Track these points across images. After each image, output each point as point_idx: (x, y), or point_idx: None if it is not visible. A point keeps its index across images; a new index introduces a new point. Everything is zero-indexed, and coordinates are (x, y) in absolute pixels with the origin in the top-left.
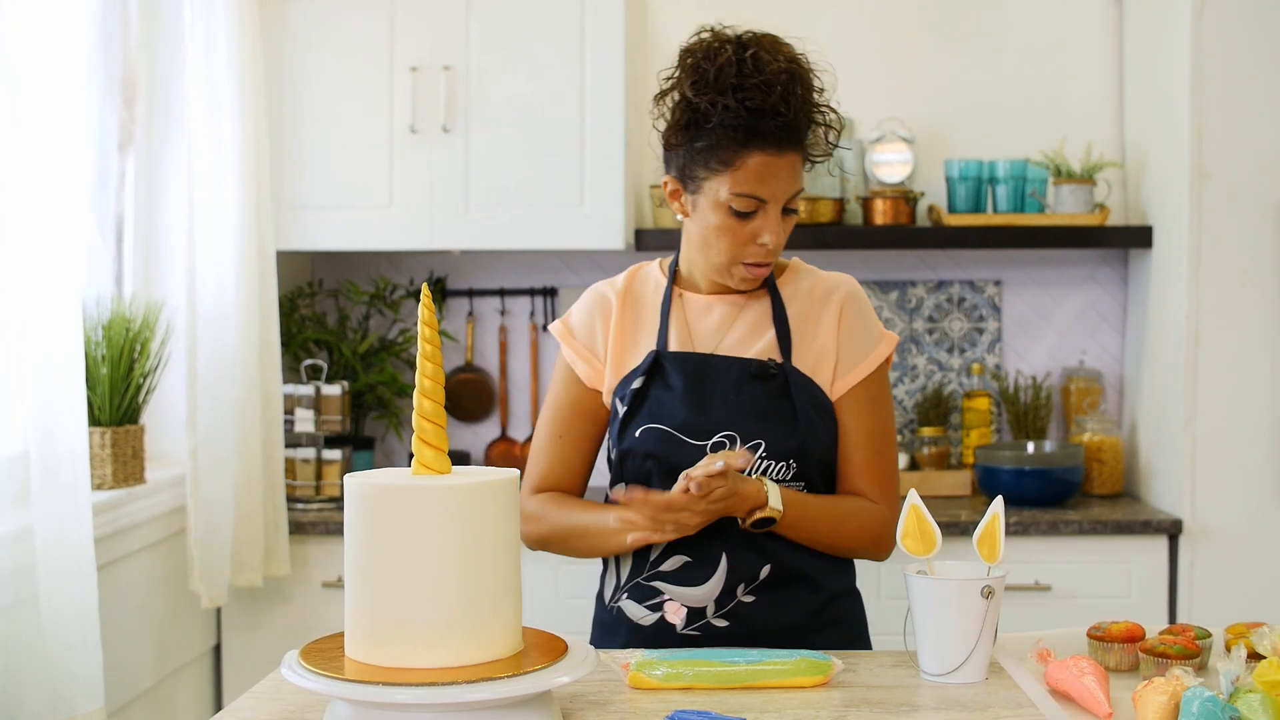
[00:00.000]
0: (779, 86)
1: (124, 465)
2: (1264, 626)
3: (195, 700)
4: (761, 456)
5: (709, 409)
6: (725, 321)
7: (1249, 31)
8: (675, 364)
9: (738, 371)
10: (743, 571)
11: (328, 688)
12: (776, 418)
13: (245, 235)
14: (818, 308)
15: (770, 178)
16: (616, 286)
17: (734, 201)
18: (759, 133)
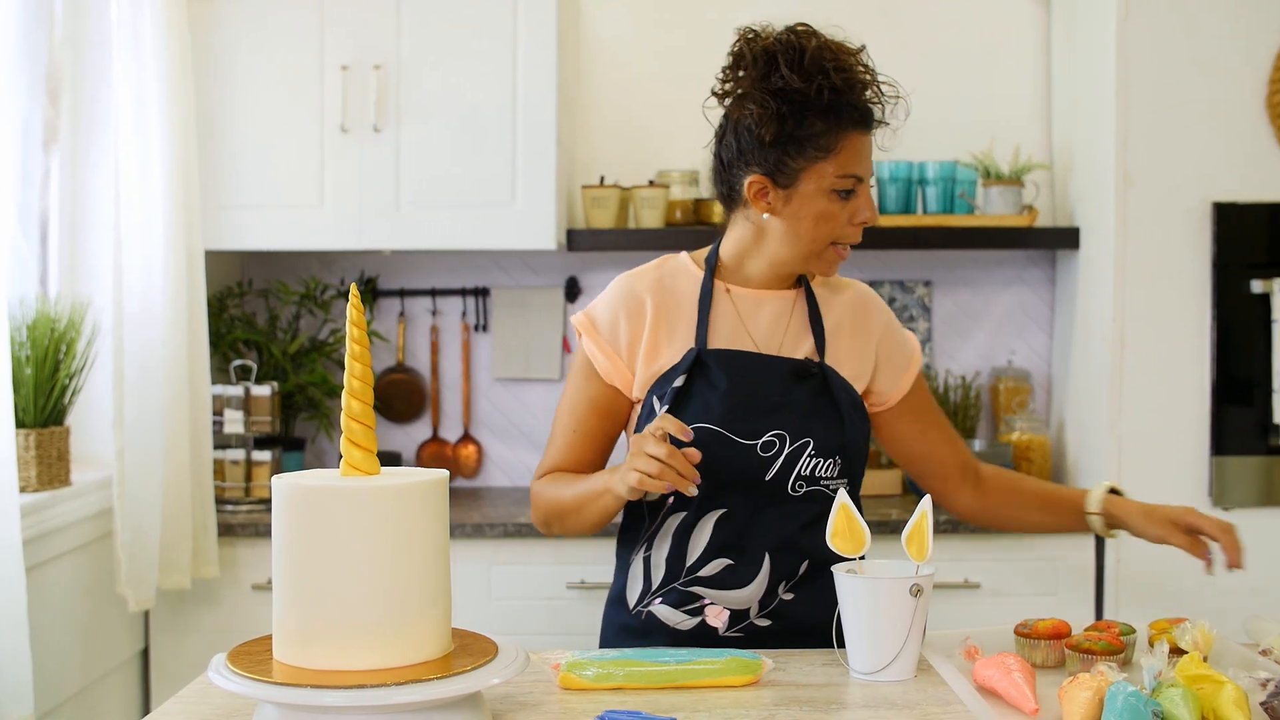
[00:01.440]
0: (863, 63)
1: (49, 467)
2: (1186, 622)
3: (123, 704)
4: (810, 454)
5: (757, 407)
6: (778, 318)
7: (1173, 37)
8: (719, 362)
9: (781, 371)
10: (784, 569)
11: (255, 691)
12: (821, 416)
13: (173, 234)
14: (852, 315)
15: (865, 155)
16: (646, 281)
17: (838, 184)
18: (857, 112)
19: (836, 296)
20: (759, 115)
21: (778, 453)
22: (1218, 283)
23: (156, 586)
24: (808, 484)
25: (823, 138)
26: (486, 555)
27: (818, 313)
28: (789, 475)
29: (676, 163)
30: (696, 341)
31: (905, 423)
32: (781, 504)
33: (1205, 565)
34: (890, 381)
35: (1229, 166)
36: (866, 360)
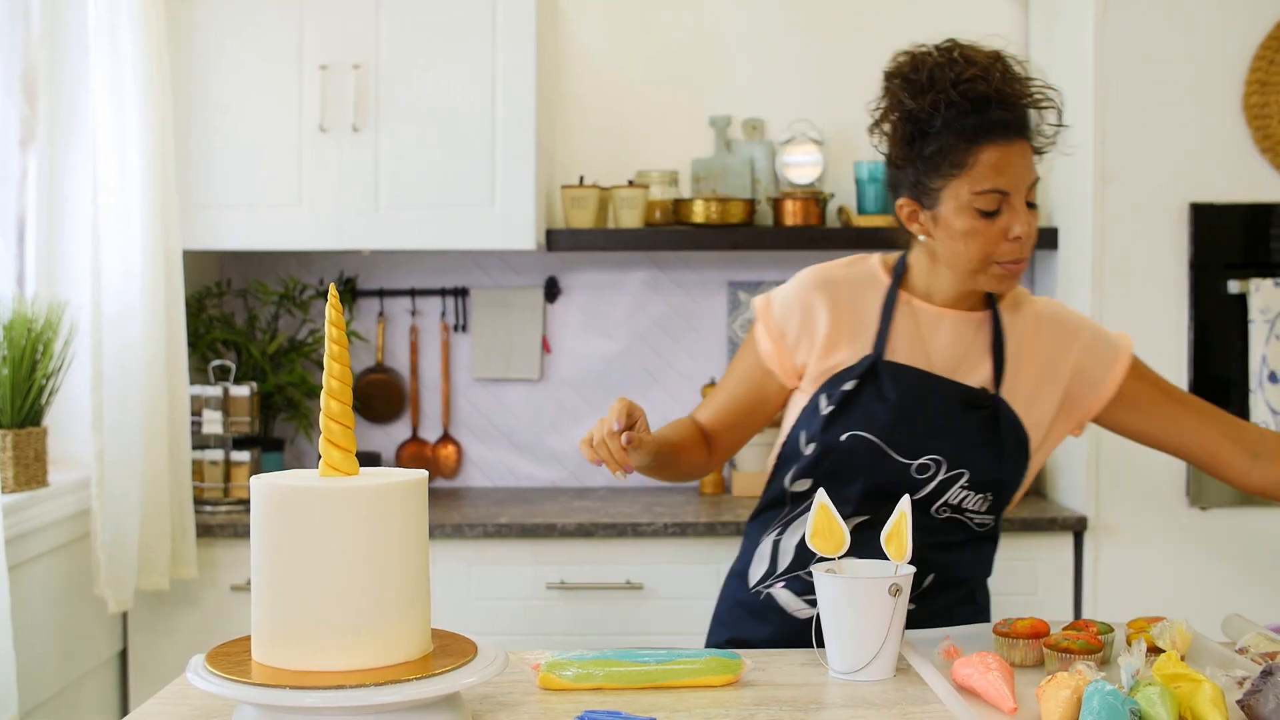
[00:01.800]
0: (996, 71)
1: (26, 468)
2: (1164, 621)
3: (101, 706)
4: (963, 485)
5: (919, 429)
6: (959, 339)
7: (1151, 38)
8: (893, 376)
9: (953, 396)
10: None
11: (234, 692)
12: (984, 450)
13: (151, 234)
14: (1040, 342)
15: (1007, 167)
16: (831, 279)
17: (976, 201)
18: (987, 125)
19: (1021, 318)
20: (890, 139)
21: (931, 476)
22: (1195, 283)
23: (135, 587)
24: (952, 511)
25: (952, 155)
26: (466, 556)
27: (1000, 339)
28: (936, 500)
29: (656, 163)
30: (874, 349)
31: (1130, 417)
32: (923, 524)
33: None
34: (1087, 394)
35: (1207, 167)
36: (1048, 397)
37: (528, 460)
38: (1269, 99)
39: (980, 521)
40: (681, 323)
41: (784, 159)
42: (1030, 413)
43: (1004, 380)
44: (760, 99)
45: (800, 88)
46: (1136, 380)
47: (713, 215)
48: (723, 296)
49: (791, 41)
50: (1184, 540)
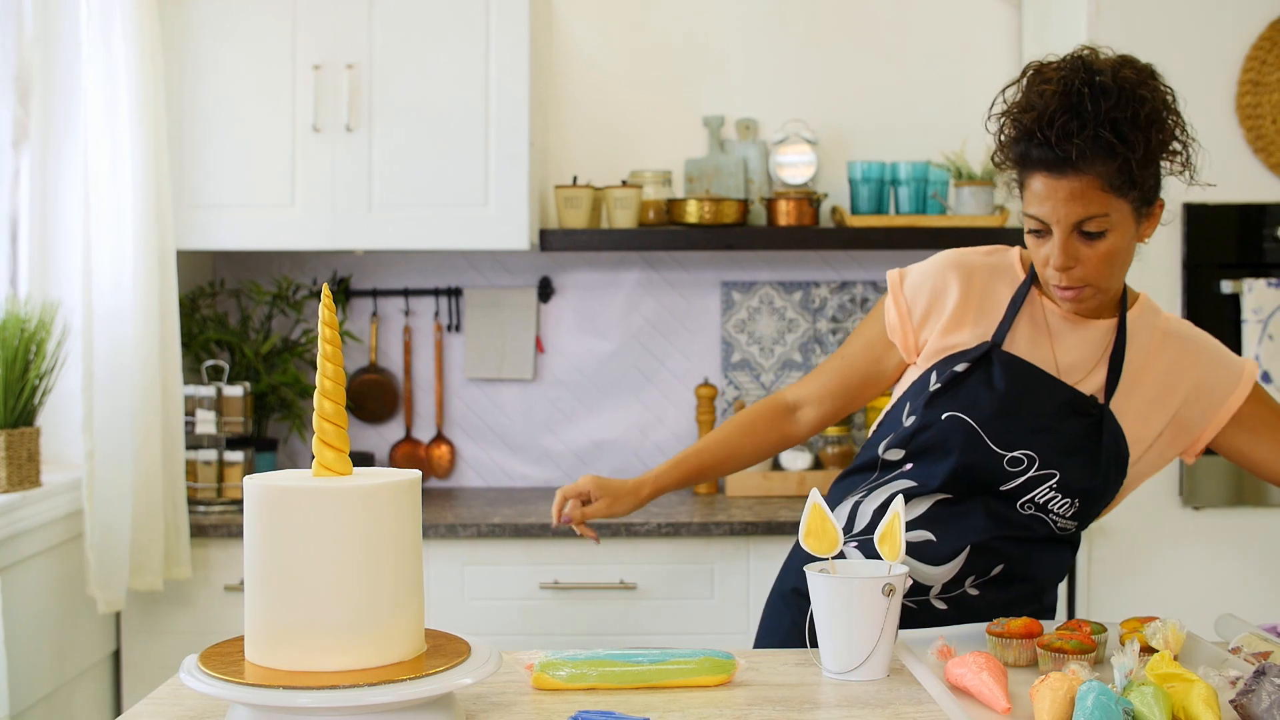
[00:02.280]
0: (1041, 111)
1: (19, 468)
2: (1157, 621)
3: (94, 706)
4: (1052, 486)
5: (1020, 422)
6: (1078, 343)
7: (1144, 38)
8: (1006, 366)
9: (1060, 399)
10: (978, 565)
11: (227, 692)
12: (1079, 457)
13: (144, 234)
14: (1160, 358)
15: (1048, 200)
16: (967, 263)
17: (1027, 221)
18: (1030, 157)
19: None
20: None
21: (1022, 471)
22: (1188, 283)
23: (128, 588)
24: (1036, 510)
25: (1014, 171)
26: (460, 556)
27: (1122, 352)
28: (1023, 495)
29: (649, 163)
30: (994, 336)
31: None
32: (1005, 515)
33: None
34: (1207, 414)
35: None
36: (1158, 415)
37: (521, 460)
38: (1261, 99)
39: (1063, 526)
40: (675, 322)
41: (777, 159)
42: (1136, 428)
43: (1117, 392)
44: (753, 99)
45: (793, 88)
46: (1255, 404)
47: (706, 215)
48: (716, 296)
49: (785, 41)
50: (1177, 540)
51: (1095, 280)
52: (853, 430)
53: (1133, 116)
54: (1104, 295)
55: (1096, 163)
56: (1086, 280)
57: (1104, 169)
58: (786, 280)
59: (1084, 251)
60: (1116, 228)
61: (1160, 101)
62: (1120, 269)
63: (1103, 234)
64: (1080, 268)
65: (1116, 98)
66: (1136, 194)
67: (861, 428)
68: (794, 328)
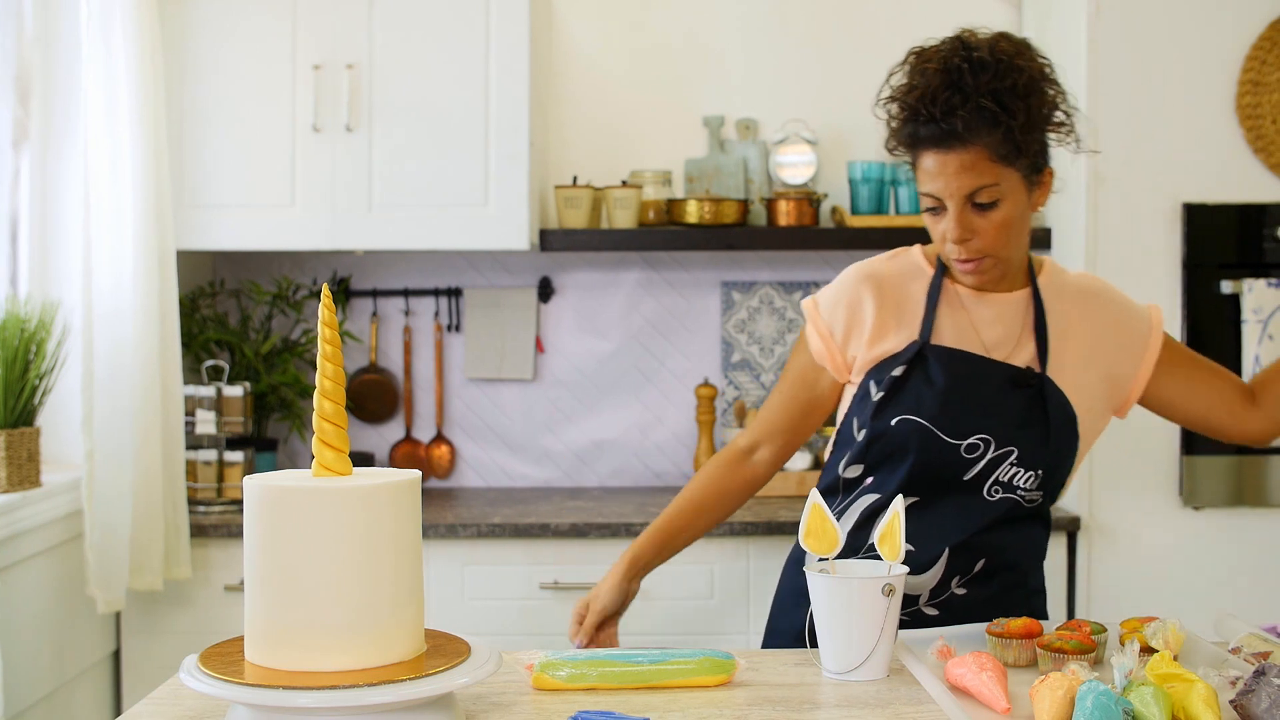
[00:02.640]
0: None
1: (19, 468)
2: (1157, 621)
3: (94, 706)
4: (1012, 463)
5: (968, 410)
6: (1006, 321)
7: (1144, 38)
8: (940, 360)
9: (1000, 377)
10: (960, 565)
11: (227, 692)
12: (1031, 428)
13: (144, 234)
14: (1080, 318)
15: (939, 175)
16: (874, 272)
17: (922, 200)
18: (918, 136)
19: (1060, 294)
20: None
21: (980, 455)
22: (1188, 283)
23: (128, 588)
24: (1003, 490)
25: (906, 153)
26: (460, 556)
27: (1043, 318)
28: (987, 479)
29: (649, 163)
30: (921, 335)
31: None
32: (975, 506)
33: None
34: (1131, 365)
35: (1199, 167)
36: (1094, 374)
37: (521, 460)
38: (1261, 99)
39: (1031, 499)
40: (675, 323)
41: (777, 159)
42: (1075, 390)
43: (1049, 358)
44: (753, 99)
45: (793, 88)
46: (1171, 349)
47: (706, 215)
48: (716, 296)
49: (785, 41)
50: (1177, 540)
51: (993, 250)
52: None
53: (1012, 86)
54: (1004, 265)
55: (982, 134)
56: (984, 251)
57: (990, 139)
58: (786, 280)
59: (979, 222)
60: (1008, 196)
61: (1038, 71)
62: (1017, 238)
63: (995, 204)
64: (977, 239)
65: (995, 70)
66: (1024, 161)
67: None
68: (794, 328)
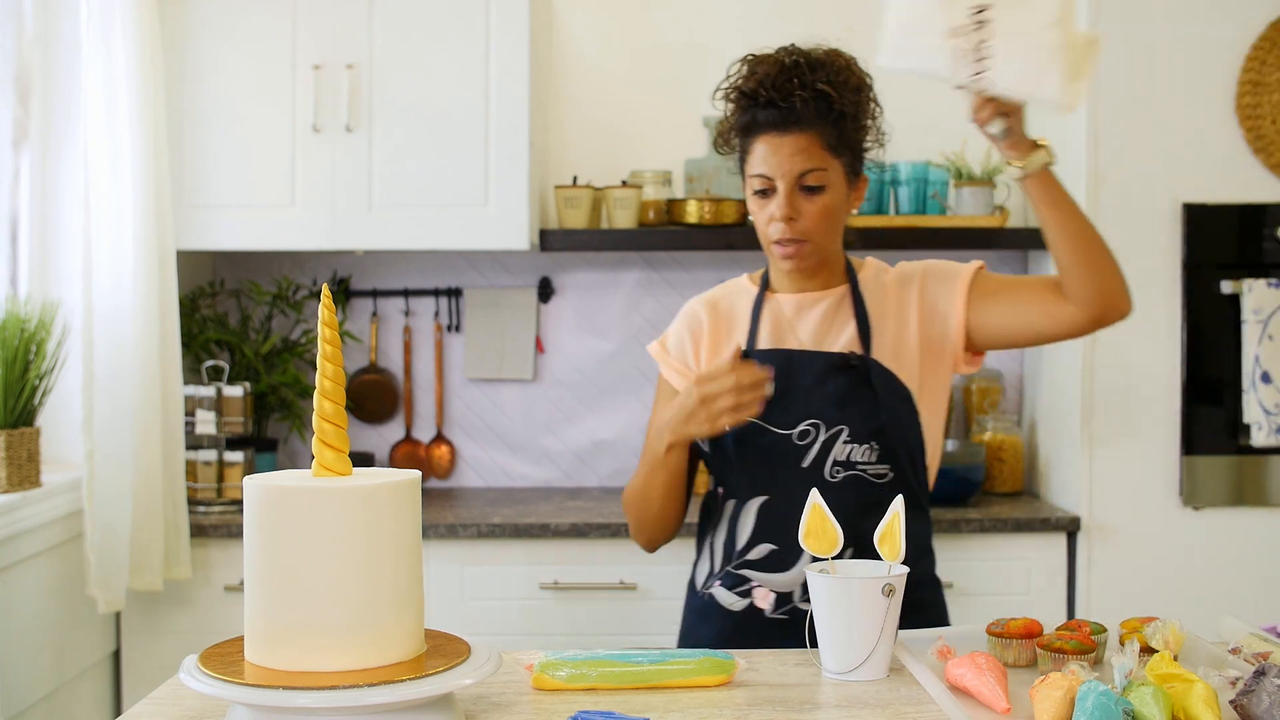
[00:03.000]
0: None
1: (19, 469)
2: (1157, 621)
3: (94, 706)
4: (845, 440)
5: (793, 400)
6: (823, 317)
7: (1144, 38)
8: (761, 360)
9: (821, 365)
10: None
11: (227, 693)
12: (857, 405)
13: (144, 234)
14: (894, 300)
15: (771, 157)
16: (706, 300)
17: (753, 183)
18: (757, 119)
19: (881, 284)
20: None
21: (813, 440)
22: (1188, 283)
23: (128, 588)
24: (844, 469)
25: (742, 139)
26: (460, 556)
27: (863, 308)
28: (825, 461)
29: (649, 163)
30: (746, 344)
31: (990, 314)
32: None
33: None
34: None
35: (1199, 167)
36: (909, 344)
37: (521, 460)
38: (1261, 99)
39: (876, 472)
40: None
41: None
42: (901, 365)
43: (872, 342)
44: None
45: None
46: (985, 280)
47: (706, 215)
48: None
49: (784, 41)
50: (1177, 540)
51: (814, 234)
52: None
53: (844, 82)
54: (821, 254)
55: (816, 120)
56: (807, 234)
57: (822, 127)
58: None
59: (805, 205)
60: (833, 185)
61: (863, 80)
62: (835, 228)
63: (822, 189)
64: (802, 220)
65: (830, 67)
66: (849, 157)
67: None
68: None
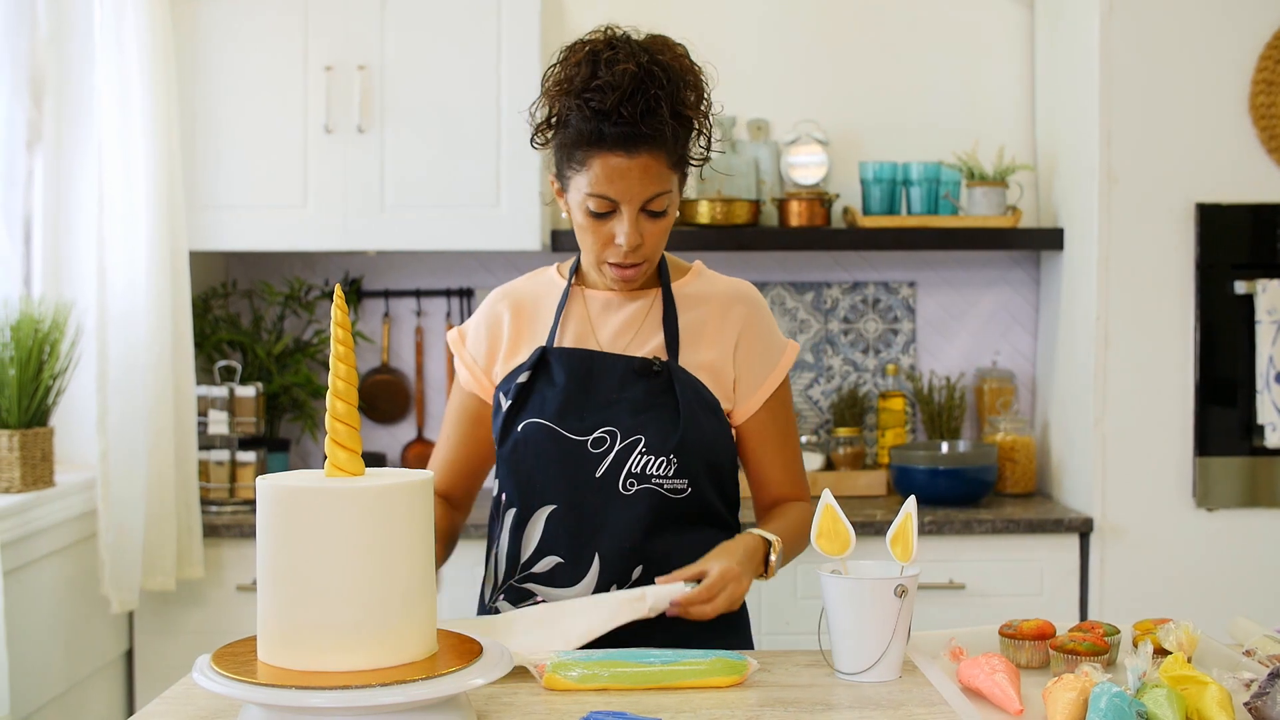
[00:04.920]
0: (622, 89)
1: (33, 468)
2: (1170, 623)
3: (107, 706)
4: (641, 451)
5: (590, 405)
6: (629, 320)
7: (1157, 38)
8: (560, 360)
9: (622, 369)
10: (615, 572)
11: (240, 692)
12: (657, 413)
13: (157, 235)
14: (715, 319)
15: (619, 179)
16: (511, 292)
17: (589, 202)
18: (604, 135)
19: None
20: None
21: (608, 449)
22: (1201, 283)
23: (140, 588)
24: (639, 481)
25: (578, 151)
26: (471, 556)
27: (673, 313)
28: (619, 473)
29: None
30: (548, 341)
31: (752, 432)
32: (613, 503)
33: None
34: (742, 397)
35: (1212, 167)
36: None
37: None
38: (1275, 99)
39: (673, 487)
40: None
41: (789, 159)
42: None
43: (681, 350)
44: (765, 100)
45: (805, 88)
46: (773, 403)
47: (718, 216)
48: None
49: (796, 42)
50: (1190, 542)
51: (652, 255)
52: (864, 431)
53: (692, 97)
54: (651, 269)
55: (666, 141)
56: (645, 256)
57: (668, 147)
58: (798, 281)
59: (648, 227)
60: (673, 203)
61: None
62: (665, 240)
63: (664, 211)
64: (645, 244)
65: (681, 79)
66: (684, 168)
67: (874, 428)
68: (805, 328)
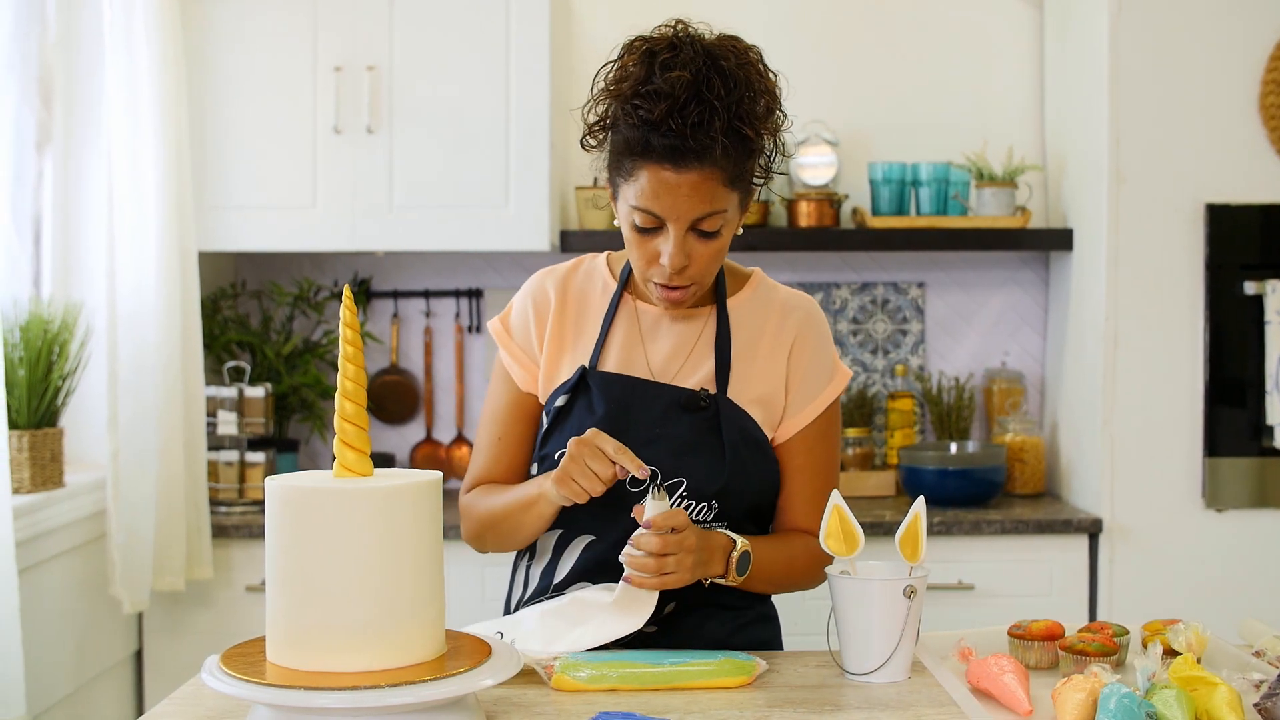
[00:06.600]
0: (674, 98)
1: (42, 469)
2: (1179, 624)
3: (116, 706)
4: (682, 496)
5: (630, 442)
6: (681, 340)
7: (1166, 38)
8: (601, 386)
9: (666, 401)
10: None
11: (248, 693)
12: (701, 455)
13: (166, 235)
14: (769, 337)
15: (665, 195)
16: (558, 280)
17: (635, 215)
18: (652, 146)
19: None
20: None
21: (645, 491)
22: (1211, 284)
23: (150, 588)
24: None
25: (625, 160)
26: (480, 557)
27: (726, 336)
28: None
29: None
30: (591, 357)
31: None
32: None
33: None
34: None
35: (1222, 168)
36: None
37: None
38: None
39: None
40: None
41: (798, 160)
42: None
43: (731, 379)
44: None
45: (814, 89)
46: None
47: None
48: None
49: (805, 42)
50: (1200, 542)
51: (702, 278)
52: (873, 431)
53: (754, 109)
54: (702, 290)
55: (720, 157)
56: (694, 279)
57: (725, 163)
58: (807, 281)
59: (697, 249)
60: (729, 223)
61: (772, 92)
62: (721, 262)
63: (717, 232)
64: (692, 266)
65: (743, 87)
66: (745, 186)
67: (882, 429)
68: None
